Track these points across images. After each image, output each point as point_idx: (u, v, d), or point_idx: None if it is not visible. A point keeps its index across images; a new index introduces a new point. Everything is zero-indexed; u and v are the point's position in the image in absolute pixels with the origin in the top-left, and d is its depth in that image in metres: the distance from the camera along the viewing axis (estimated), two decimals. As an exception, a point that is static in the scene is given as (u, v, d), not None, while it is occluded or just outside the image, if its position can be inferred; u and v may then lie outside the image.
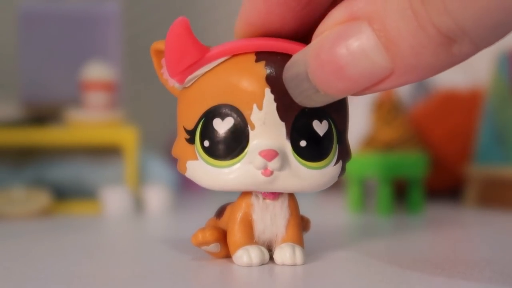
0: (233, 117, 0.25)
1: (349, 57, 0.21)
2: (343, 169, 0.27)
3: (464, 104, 0.54)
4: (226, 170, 0.25)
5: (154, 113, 0.72)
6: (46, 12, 0.59)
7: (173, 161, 0.28)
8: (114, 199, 0.47)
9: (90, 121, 0.50)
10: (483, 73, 0.58)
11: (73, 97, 0.54)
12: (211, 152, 0.25)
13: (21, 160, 0.50)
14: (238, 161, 0.25)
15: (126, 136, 0.49)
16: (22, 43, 0.58)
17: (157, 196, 0.48)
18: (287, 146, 0.25)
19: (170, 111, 0.31)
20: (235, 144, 0.25)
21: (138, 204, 0.48)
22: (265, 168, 0.25)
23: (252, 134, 0.25)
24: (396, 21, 0.19)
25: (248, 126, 0.25)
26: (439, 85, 0.59)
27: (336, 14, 0.21)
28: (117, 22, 0.59)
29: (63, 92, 0.57)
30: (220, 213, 0.28)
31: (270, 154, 0.24)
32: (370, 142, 0.48)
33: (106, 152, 0.51)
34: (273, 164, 0.24)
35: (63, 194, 0.49)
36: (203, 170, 0.25)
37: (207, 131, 0.25)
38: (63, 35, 0.59)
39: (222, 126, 0.25)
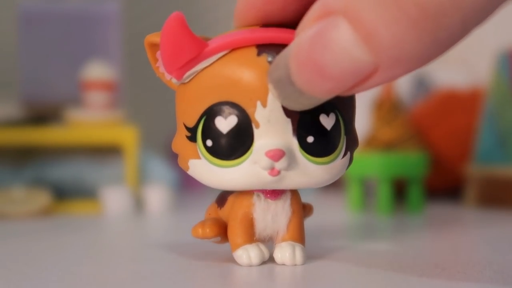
0: (237, 116, 0.24)
1: (329, 55, 0.19)
2: (350, 160, 0.26)
3: (464, 104, 0.54)
4: (230, 169, 0.24)
5: (154, 113, 0.72)
6: (46, 12, 0.59)
7: (173, 161, 0.28)
8: (114, 199, 0.47)
9: (90, 120, 0.50)
10: (483, 73, 0.58)
11: (73, 97, 0.54)
12: (215, 152, 0.24)
13: (21, 160, 0.50)
14: (243, 161, 0.24)
15: (126, 136, 0.49)
16: (22, 43, 0.58)
17: (157, 196, 0.48)
18: (294, 143, 0.24)
19: (170, 111, 0.31)
20: (239, 144, 0.24)
21: (138, 204, 0.48)
22: (271, 168, 0.24)
23: (257, 132, 0.24)
24: (373, 8, 0.18)
25: (253, 124, 0.24)
26: (439, 85, 0.59)
27: (312, 10, 0.20)
28: (117, 22, 0.59)
29: (63, 92, 0.57)
30: (221, 201, 0.27)
31: (277, 154, 0.23)
32: (370, 142, 0.48)
33: (106, 152, 0.51)
34: (280, 164, 0.24)
35: (63, 193, 0.49)
36: (206, 169, 0.24)
37: (209, 131, 0.24)
38: (63, 35, 0.59)
39: (225, 125, 0.24)
